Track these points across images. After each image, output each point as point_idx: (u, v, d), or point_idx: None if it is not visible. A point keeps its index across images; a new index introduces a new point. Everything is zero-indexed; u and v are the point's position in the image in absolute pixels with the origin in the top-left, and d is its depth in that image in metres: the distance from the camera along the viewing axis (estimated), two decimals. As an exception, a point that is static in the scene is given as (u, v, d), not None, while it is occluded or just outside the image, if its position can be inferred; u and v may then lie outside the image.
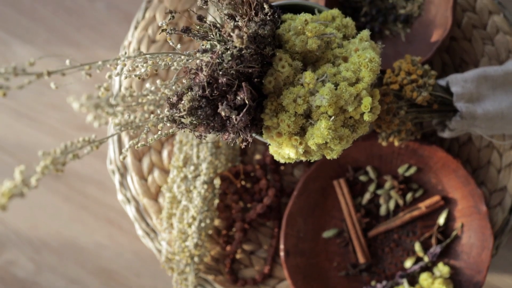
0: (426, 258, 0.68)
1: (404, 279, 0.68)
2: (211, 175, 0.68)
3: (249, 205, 0.71)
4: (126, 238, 0.87)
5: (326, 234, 0.70)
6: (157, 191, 0.72)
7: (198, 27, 0.46)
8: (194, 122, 0.44)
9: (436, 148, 0.67)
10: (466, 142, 0.71)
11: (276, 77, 0.46)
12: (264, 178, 0.70)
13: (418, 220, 0.70)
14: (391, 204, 0.70)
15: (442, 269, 0.67)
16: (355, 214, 0.69)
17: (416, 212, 0.69)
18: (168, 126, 0.43)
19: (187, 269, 0.67)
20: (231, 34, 0.42)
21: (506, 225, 0.70)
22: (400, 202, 0.70)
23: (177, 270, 0.67)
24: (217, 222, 0.71)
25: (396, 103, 0.58)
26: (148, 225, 0.72)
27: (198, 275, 0.68)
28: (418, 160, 0.69)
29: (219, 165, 0.69)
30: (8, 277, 0.87)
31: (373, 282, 0.69)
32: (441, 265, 0.67)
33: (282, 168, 0.72)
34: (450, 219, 0.69)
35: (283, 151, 0.48)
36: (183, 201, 0.67)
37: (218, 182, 0.70)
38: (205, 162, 0.68)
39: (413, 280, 0.69)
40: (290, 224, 0.68)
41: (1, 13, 0.90)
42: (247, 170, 0.70)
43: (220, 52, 0.43)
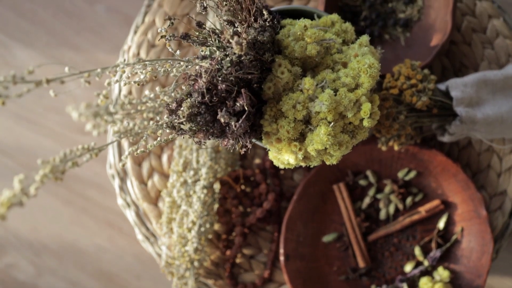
0: (426, 262, 0.68)
1: (404, 283, 0.68)
2: (211, 180, 0.68)
3: (249, 209, 0.71)
4: (126, 241, 0.87)
5: (326, 239, 0.70)
6: (157, 196, 0.72)
7: (197, 33, 0.46)
8: (194, 129, 0.44)
9: (435, 152, 0.67)
10: (466, 146, 0.71)
11: (275, 83, 0.46)
12: (263, 182, 0.70)
13: (418, 224, 0.70)
14: (391, 208, 0.70)
15: (442, 273, 0.67)
16: (355, 218, 0.69)
17: (416, 216, 0.69)
18: (167, 132, 0.43)
19: (187, 273, 0.67)
20: (230, 41, 0.42)
21: (506, 229, 0.70)
22: (400, 206, 0.70)
23: (177, 274, 0.67)
24: (217, 227, 0.71)
25: (395, 108, 0.58)
26: (148, 229, 0.72)
27: (198, 280, 0.68)
28: (418, 164, 0.69)
29: (219, 169, 0.69)
30: (8, 280, 0.87)
31: (373, 287, 0.69)
32: (441, 269, 0.67)
33: (282, 172, 0.72)
34: (450, 223, 0.69)
35: (283, 157, 0.48)
36: (183, 205, 0.67)
37: (217, 187, 0.70)
38: (204, 167, 0.68)
39: (413, 284, 0.69)
40: (290, 228, 0.68)
41: (1, 16, 0.90)
42: (247, 175, 0.70)
43: (219, 58, 0.43)
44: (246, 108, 0.43)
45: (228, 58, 0.43)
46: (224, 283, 0.71)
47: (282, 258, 0.68)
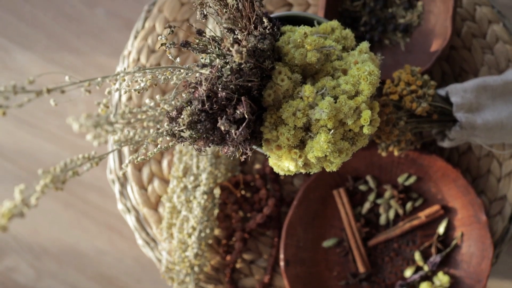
0: (426, 267, 0.68)
1: (404, 289, 0.68)
2: (211, 185, 0.68)
3: (249, 214, 0.71)
4: (127, 244, 0.88)
5: (326, 244, 0.70)
6: (157, 201, 0.72)
7: (197, 41, 0.46)
8: (194, 136, 0.44)
9: (435, 157, 0.67)
10: (466, 151, 0.71)
11: (275, 90, 0.46)
12: (264, 188, 0.70)
13: (418, 229, 0.70)
14: (391, 213, 0.70)
15: (442, 278, 0.67)
16: (355, 224, 0.69)
17: (416, 221, 0.69)
18: (167, 139, 0.43)
19: (187, 279, 0.67)
20: (231, 49, 0.42)
21: (506, 234, 0.70)
22: (400, 212, 0.70)
23: (177, 280, 0.67)
24: (217, 232, 0.71)
25: (395, 114, 0.58)
26: (148, 234, 0.72)
27: (198, 285, 0.68)
28: (418, 169, 0.69)
29: (219, 175, 0.69)
30: (8, 283, 0.87)
31: (373, 291, 0.69)
32: (441, 274, 0.67)
33: (282, 177, 0.72)
34: (450, 229, 0.69)
35: (283, 164, 0.48)
36: (183, 211, 0.67)
37: (218, 192, 0.70)
38: (205, 172, 0.68)
39: (413, 289, 0.69)
40: (290, 233, 0.69)
41: (1, 19, 0.90)
42: (247, 180, 0.71)
43: (219, 66, 0.43)
44: (246, 115, 0.43)
45: (228, 66, 0.43)
46: (224, 288, 0.71)
47: (282, 263, 0.68)
